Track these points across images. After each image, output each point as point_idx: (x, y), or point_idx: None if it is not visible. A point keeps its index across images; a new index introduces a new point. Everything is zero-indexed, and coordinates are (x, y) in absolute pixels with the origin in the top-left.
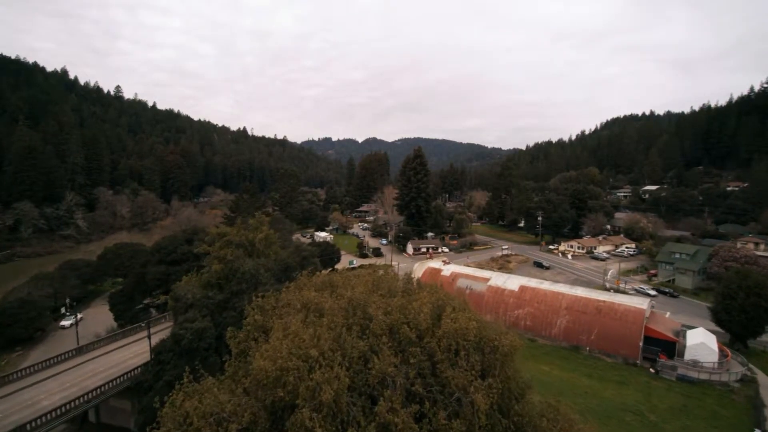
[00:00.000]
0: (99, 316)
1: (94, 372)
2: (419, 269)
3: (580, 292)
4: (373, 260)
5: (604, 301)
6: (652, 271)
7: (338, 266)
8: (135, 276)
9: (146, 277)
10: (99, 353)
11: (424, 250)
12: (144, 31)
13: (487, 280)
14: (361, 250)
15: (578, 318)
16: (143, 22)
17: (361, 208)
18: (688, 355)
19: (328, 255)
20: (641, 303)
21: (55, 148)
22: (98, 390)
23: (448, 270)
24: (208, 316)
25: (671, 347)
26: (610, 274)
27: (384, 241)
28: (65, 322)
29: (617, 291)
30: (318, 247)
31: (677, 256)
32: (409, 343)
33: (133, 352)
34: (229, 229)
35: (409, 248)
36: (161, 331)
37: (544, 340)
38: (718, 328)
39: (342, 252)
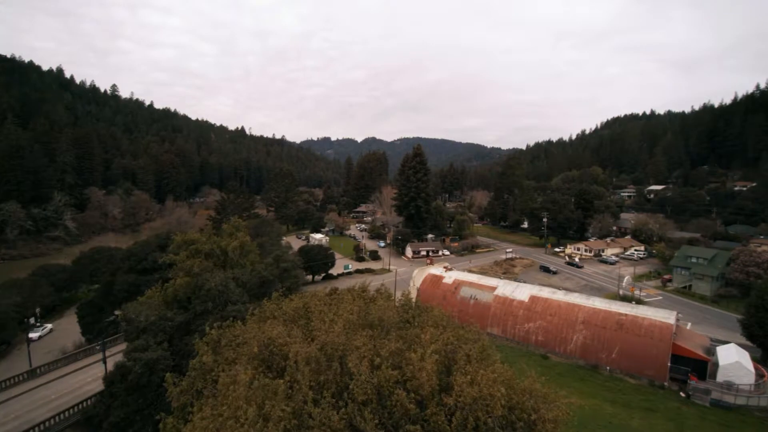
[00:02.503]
0: (71, 327)
1: (45, 399)
2: (419, 276)
3: (598, 303)
4: (370, 264)
5: (626, 315)
6: (666, 276)
7: (333, 271)
8: (104, 285)
9: (114, 287)
10: (55, 375)
11: (423, 253)
12: (145, 31)
13: (494, 289)
14: (358, 253)
15: (597, 333)
16: (144, 21)
17: (358, 209)
18: (722, 376)
19: (322, 260)
20: (668, 317)
21: (44, 146)
22: (45, 424)
23: (450, 277)
24: (166, 341)
25: (702, 367)
26: (625, 281)
27: (382, 244)
28: (33, 334)
29: (638, 301)
30: (308, 253)
31: (694, 260)
32: (405, 417)
33: (93, 375)
34: (197, 235)
35: (408, 251)
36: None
37: (559, 357)
38: (747, 342)
39: (338, 255)
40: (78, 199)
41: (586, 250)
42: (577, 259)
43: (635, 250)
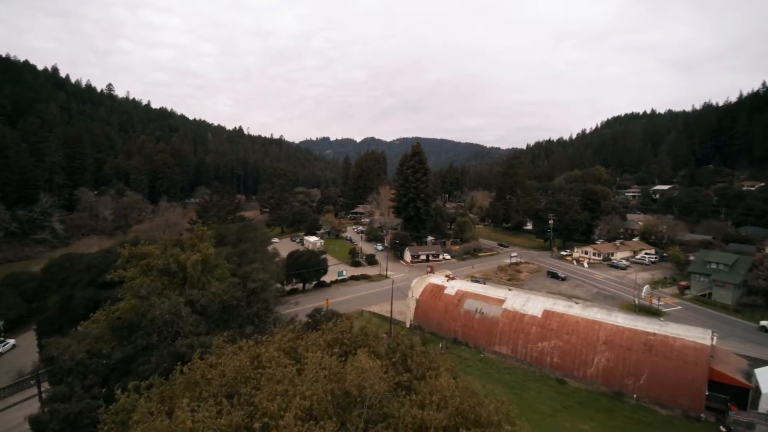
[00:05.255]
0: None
1: None
2: (418, 286)
3: (622, 320)
4: (366, 269)
5: (654, 334)
6: (683, 283)
7: (327, 278)
8: (62, 300)
9: (73, 303)
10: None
11: (423, 257)
12: (145, 31)
13: (502, 301)
14: (354, 258)
15: (621, 355)
16: (144, 21)
17: (356, 210)
18: (765, 406)
19: (313, 267)
20: (702, 336)
21: (32, 146)
22: None
23: (452, 287)
24: (98, 385)
25: (742, 395)
26: (644, 290)
27: (379, 247)
28: None
29: (657, 312)
30: (298, 260)
31: (713, 266)
32: None
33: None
34: (150, 247)
35: (407, 255)
36: None
37: (578, 382)
38: None
39: (333, 260)
40: (67, 200)
41: (594, 254)
42: (585, 264)
43: (646, 254)
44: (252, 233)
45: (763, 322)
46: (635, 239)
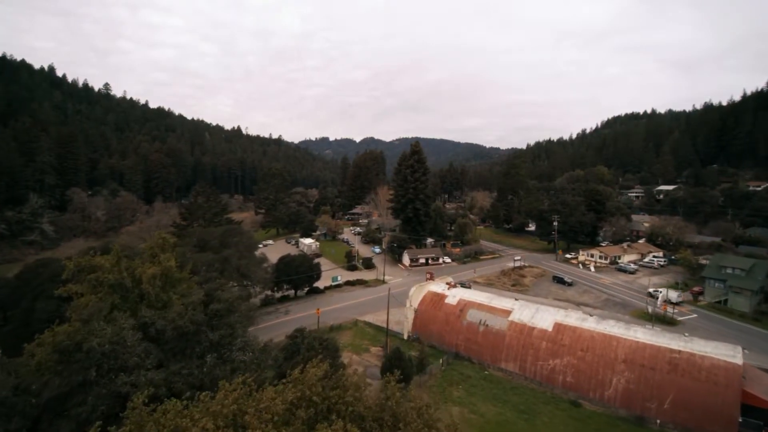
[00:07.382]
0: None
1: None
2: (417, 294)
3: (642, 335)
4: (362, 273)
5: (679, 352)
6: (696, 288)
7: (320, 283)
8: (23, 311)
9: (34, 315)
10: None
11: (422, 260)
12: (145, 31)
13: (508, 312)
14: (350, 261)
15: (643, 376)
16: (144, 21)
17: (353, 211)
18: None
19: (305, 272)
20: (733, 354)
21: (23, 146)
22: None
23: (454, 296)
24: (26, 429)
25: None
26: (660, 298)
27: (377, 249)
28: None
29: (671, 321)
30: (289, 265)
31: (729, 271)
32: None
33: None
34: (100, 259)
35: (406, 259)
36: None
37: (594, 404)
38: None
39: (328, 263)
40: (59, 200)
41: (601, 257)
42: (592, 268)
43: (654, 257)
44: (237, 237)
45: (650, 290)
46: (641, 241)
